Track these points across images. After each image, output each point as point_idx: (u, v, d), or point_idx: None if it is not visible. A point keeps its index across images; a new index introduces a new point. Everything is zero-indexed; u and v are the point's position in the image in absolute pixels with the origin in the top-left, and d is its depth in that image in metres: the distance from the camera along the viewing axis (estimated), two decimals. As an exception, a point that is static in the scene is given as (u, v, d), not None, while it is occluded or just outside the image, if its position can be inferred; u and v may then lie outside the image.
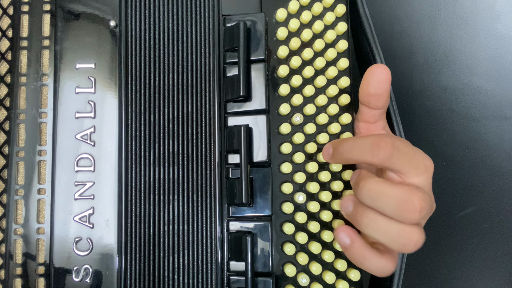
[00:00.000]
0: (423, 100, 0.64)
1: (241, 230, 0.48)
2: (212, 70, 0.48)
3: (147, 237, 0.49)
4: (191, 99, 0.49)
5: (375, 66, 0.42)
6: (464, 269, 0.67)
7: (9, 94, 0.50)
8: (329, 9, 0.47)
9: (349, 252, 0.41)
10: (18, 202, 0.50)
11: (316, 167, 0.47)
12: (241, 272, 0.47)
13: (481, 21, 0.65)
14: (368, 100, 0.44)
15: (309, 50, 0.47)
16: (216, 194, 0.48)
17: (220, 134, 0.48)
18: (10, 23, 0.51)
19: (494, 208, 0.65)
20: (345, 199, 0.42)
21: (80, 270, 0.49)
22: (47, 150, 0.50)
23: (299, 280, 0.46)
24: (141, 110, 0.49)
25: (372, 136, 0.39)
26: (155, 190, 0.49)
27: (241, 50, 0.46)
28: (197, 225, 0.49)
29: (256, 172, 0.47)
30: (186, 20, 0.49)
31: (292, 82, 0.47)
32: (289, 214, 0.47)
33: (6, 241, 0.50)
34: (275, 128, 0.48)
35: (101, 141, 0.49)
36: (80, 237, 0.49)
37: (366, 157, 0.39)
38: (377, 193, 0.38)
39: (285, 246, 0.47)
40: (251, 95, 0.47)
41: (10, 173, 0.50)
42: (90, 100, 0.50)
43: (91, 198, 0.49)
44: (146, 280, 0.49)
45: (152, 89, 0.49)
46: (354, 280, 0.47)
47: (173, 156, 0.49)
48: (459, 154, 0.65)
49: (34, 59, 0.50)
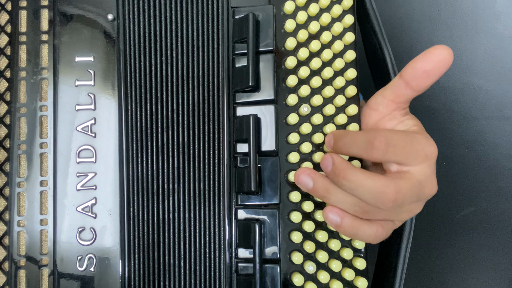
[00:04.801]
0: (423, 100, 0.65)
1: (249, 218, 0.48)
2: (221, 61, 0.49)
3: (151, 225, 0.49)
4: (198, 89, 0.50)
5: (439, 46, 0.40)
6: (464, 269, 0.67)
7: (9, 88, 0.51)
8: (336, 2, 0.48)
9: (341, 229, 0.43)
10: (20, 194, 0.50)
11: (323, 157, 0.48)
12: (249, 259, 0.48)
13: (481, 21, 0.66)
14: (418, 78, 0.41)
15: (316, 42, 0.48)
16: (225, 182, 0.48)
17: (229, 123, 0.49)
18: (8, 19, 0.51)
19: (494, 208, 0.66)
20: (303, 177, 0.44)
21: (84, 259, 0.50)
22: (48, 142, 0.50)
23: (306, 267, 0.47)
24: (141, 101, 0.49)
25: (368, 134, 0.41)
26: (158, 179, 0.49)
27: (250, 41, 0.47)
28: (204, 213, 0.49)
29: (264, 161, 0.48)
30: (193, 12, 0.50)
31: (299, 74, 0.48)
32: (296, 203, 0.48)
33: (10, 233, 0.50)
34: (283, 118, 0.49)
35: (102, 133, 0.50)
36: (83, 227, 0.50)
37: (362, 154, 0.41)
38: (356, 184, 0.40)
39: (292, 235, 0.48)
40: (260, 85, 0.48)
41: (12, 166, 0.50)
42: (90, 93, 0.50)
43: (93, 189, 0.50)
44: (151, 267, 0.49)
45: (156, 80, 0.50)
46: (360, 268, 0.48)
47: (177, 146, 0.49)
48: (459, 154, 0.66)
49: (33, 53, 0.51)
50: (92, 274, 0.50)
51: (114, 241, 0.50)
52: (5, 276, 0.51)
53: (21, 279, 0.50)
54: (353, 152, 0.42)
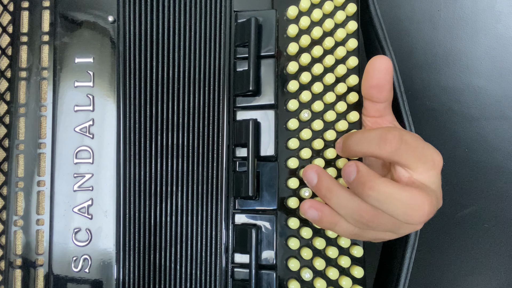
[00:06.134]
0: (423, 100, 0.64)
1: (247, 223, 0.48)
2: (222, 65, 0.49)
3: (147, 227, 0.49)
4: (199, 92, 0.50)
5: (376, 58, 0.42)
6: (464, 269, 0.67)
7: (10, 88, 0.51)
8: (340, 8, 0.48)
9: (320, 223, 0.42)
10: (18, 194, 0.51)
11: (323, 163, 0.47)
12: (245, 264, 0.48)
13: (481, 21, 0.65)
14: (371, 93, 0.44)
15: (318, 47, 0.47)
16: (223, 186, 0.48)
17: (229, 127, 0.48)
18: (10, 19, 0.52)
19: (494, 208, 0.65)
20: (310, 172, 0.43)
21: (79, 260, 0.50)
22: (46, 143, 0.50)
23: (302, 274, 0.47)
24: (140, 103, 0.49)
25: (380, 129, 0.39)
26: (156, 181, 0.49)
27: (252, 46, 0.47)
28: (201, 217, 0.49)
29: (263, 166, 0.48)
30: (196, 15, 0.50)
31: (301, 79, 0.48)
32: (294, 209, 0.48)
33: (6, 233, 0.50)
34: (283, 123, 0.48)
35: (100, 134, 0.50)
36: (79, 228, 0.50)
37: (374, 150, 0.39)
38: (387, 196, 0.37)
39: (290, 241, 0.47)
40: (260, 90, 0.48)
41: (10, 165, 0.50)
42: (89, 94, 0.50)
43: (90, 190, 0.50)
44: (146, 270, 0.49)
45: (156, 82, 0.50)
46: (358, 277, 0.47)
47: (177, 148, 0.49)
48: (459, 154, 0.65)
49: (34, 54, 0.51)
50: (87, 276, 0.50)
51: (110, 242, 0.50)
52: (1, 276, 0.50)
53: (16, 279, 0.50)
54: (364, 150, 0.40)
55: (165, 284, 0.50)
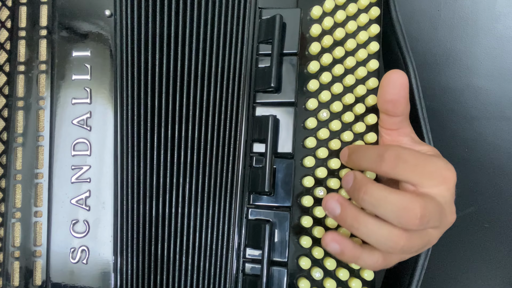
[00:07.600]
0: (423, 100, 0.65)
1: (260, 218, 0.48)
2: (244, 60, 0.49)
3: (148, 219, 0.49)
4: (215, 86, 0.50)
5: (391, 72, 0.43)
6: (464, 269, 0.66)
7: (8, 82, 0.52)
8: (364, 10, 0.48)
9: (341, 257, 0.42)
10: (16, 186, 0.51)
11: (339, 164, 0.47)
12: (257, 259, 0.47)
13: (481, 21, 0.66)
14: (386, 108, 0.44)
15: (340, 48, 0.48)
16: (239, 180, 0.48)
17: (247, 122, 0.48)
18: (9, 15, 0.52)
19: (494, 208, 0.65)
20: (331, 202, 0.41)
21: (77, 251, 0.50)
22: (44, 135, 0.51)
23: (313, 273, 0.47)
24: (140, 96, 0.50)
25: (378, 148, 0.41)
26: (159, 173, 0.49)
27: (275, 43, 0.47)
28: (213, 210, 0.49)
29: (280, 163, 0.48)
30: (219, 10, 0.50)
31: (321, 79, 0.48)
32: (308, 207, 0.48)
33: (5, 225, 0.50)
34: (301, 122, 0.48)
35: (97, 126, 0.50)
36: (76, 219, 0.50)
37: (372, 167, 0.41)
38: (379, 199, 0.38)
39: (302, 239, 0.47)
40: (281, 87, 0.48)
41: (8, 158, 0.51)
42: (86, 87, 0.51)
43: (88, 181, 0.50)
44: (146, 260, 0.49)
45: (153, 75, 0.50)
46: (368, 279, 0.47)
47: (185, 141, 0.49)
48: (459, 154, 0.66)
49: (32, 48, 0.52)
50: (85, 267, 0.50)
51: (108, 234, 0.50)
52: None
53: (15, 270, 0.50)
54: (364, 165, 0.42)
55: (168, 276, 0.49)
